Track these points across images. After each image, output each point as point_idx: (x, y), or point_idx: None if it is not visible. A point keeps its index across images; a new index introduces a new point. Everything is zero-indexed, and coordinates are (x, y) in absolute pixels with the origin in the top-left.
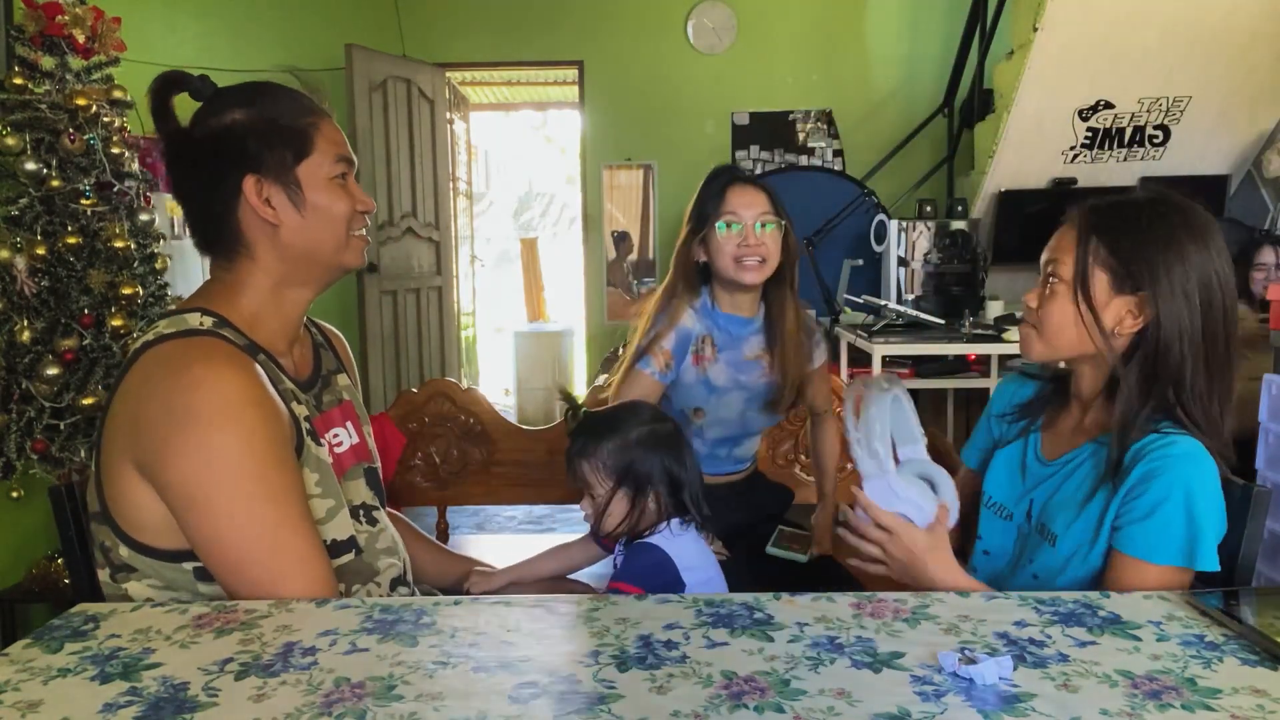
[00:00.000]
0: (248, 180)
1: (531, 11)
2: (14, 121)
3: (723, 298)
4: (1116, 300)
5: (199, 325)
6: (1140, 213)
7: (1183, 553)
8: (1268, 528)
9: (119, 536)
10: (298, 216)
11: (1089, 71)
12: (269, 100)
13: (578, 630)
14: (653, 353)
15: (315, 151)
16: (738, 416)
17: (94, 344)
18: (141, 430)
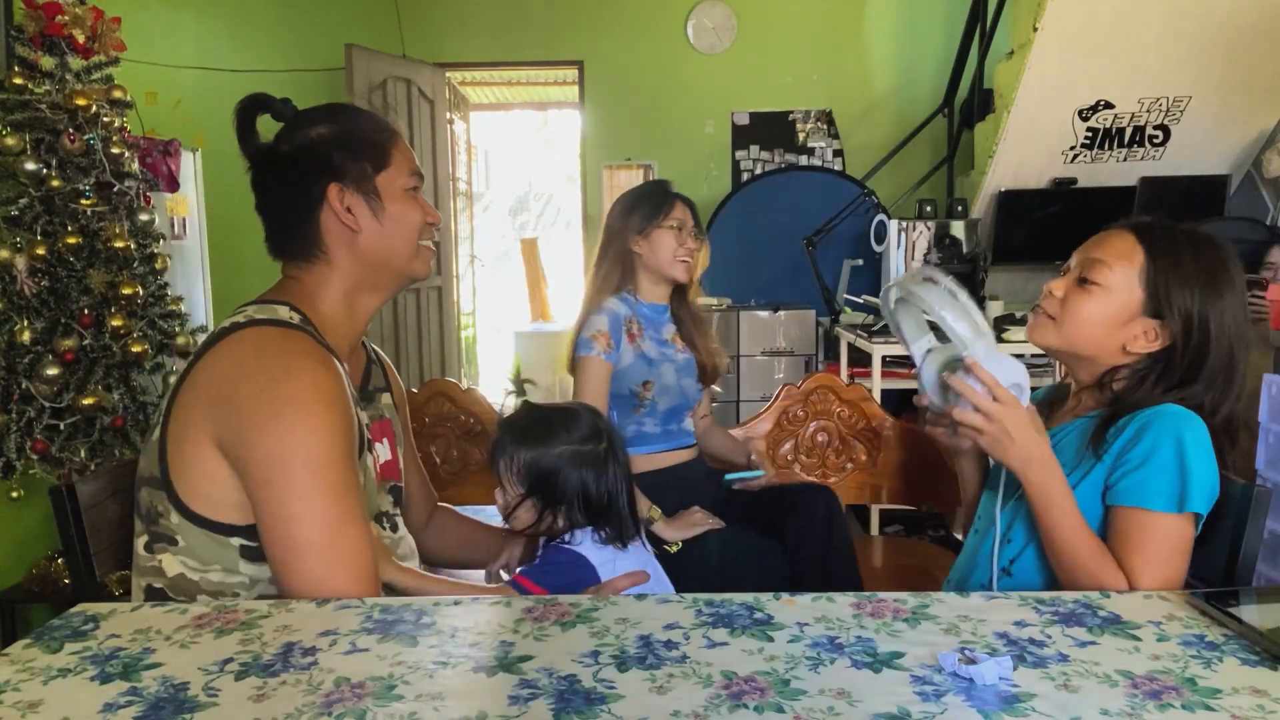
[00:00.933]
0: (332, 188)
1: (531, 11)
2: (14, 121)
3: (645, 288)
4: (1141, 319)
5: (290, 319)
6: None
7: (1176, 497)
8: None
9: (173, 502)
10: (376, 224)
11: (1089, 71)
12: (349, 117)
13: (578, 630)
14: (592, 337)
15: (392, 164)
16: (676, 384)
17: (94, 344)
18: (233, 406)
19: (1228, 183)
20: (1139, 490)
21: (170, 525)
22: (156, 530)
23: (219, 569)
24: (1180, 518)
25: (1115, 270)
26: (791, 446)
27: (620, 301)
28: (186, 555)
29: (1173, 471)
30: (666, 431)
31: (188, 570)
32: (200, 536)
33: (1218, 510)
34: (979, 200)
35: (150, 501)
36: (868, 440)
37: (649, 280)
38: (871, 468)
